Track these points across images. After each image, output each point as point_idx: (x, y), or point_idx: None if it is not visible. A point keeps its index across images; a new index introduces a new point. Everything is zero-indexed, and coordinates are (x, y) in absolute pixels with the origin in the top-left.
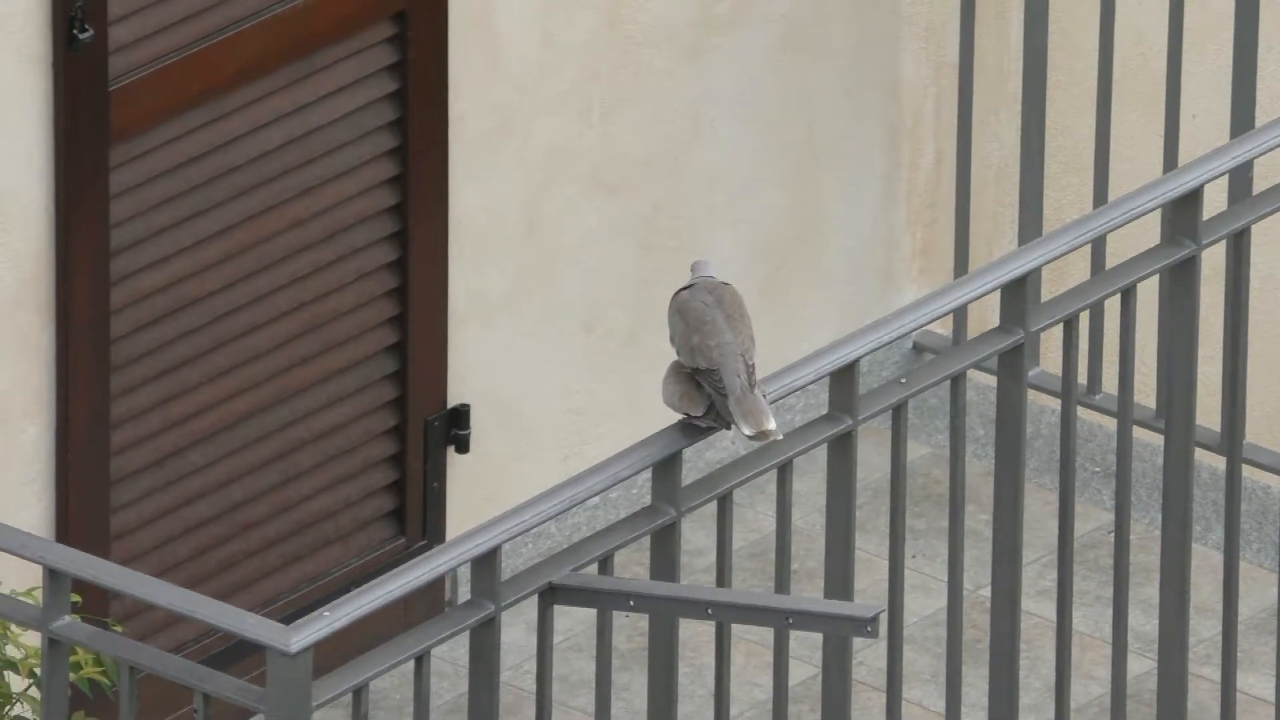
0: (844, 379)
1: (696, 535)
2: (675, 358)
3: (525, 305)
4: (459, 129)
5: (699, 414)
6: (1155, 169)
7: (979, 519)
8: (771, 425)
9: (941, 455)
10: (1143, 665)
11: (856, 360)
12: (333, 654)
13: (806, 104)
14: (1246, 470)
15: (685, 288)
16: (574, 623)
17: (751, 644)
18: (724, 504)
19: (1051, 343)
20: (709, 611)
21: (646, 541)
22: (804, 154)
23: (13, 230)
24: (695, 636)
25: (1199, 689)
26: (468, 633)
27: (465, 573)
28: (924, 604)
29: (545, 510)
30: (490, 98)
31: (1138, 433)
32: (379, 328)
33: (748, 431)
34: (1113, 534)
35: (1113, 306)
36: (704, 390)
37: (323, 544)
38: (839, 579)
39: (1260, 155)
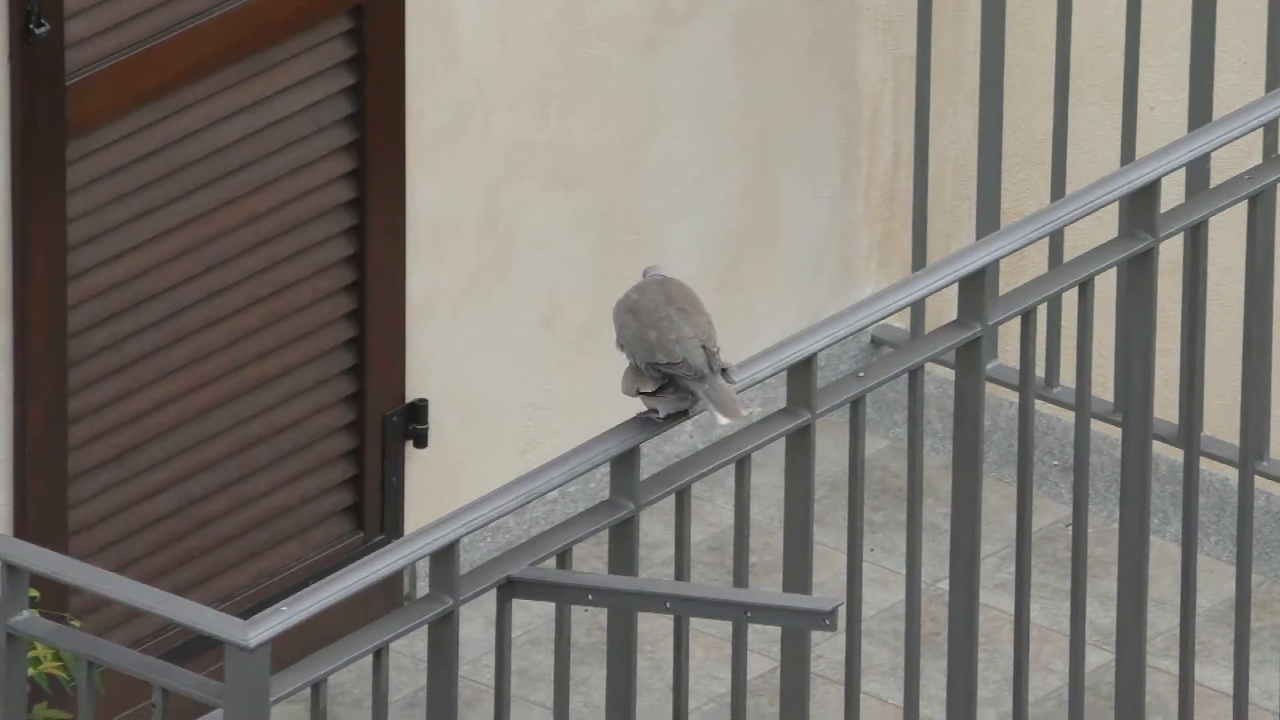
0: (802, 373)
1: (655, 529)
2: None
3: (483, 300)
4: (416, 124)
5: (651, 390)
6: (1113, 162)
7: (937, 512)
8: (744, 414)
9: (899, 448)
10: (1101, 658)
11: (814, 354)
12: (292, 648)
13: (764, 97)
14: (1204, 463)
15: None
16: (532, 616)
17: (710, 637)
18: (682, 498)
19: (1009, 336)
20: (667, 605)
21: (605, 535)
22: (761, 148)
23: None
24: (654, 630)
25: (1157, 681)
26: (426, 627)
27: (424, 567)
28: (882, 597)
29: (503, 504)
30: (448, 92)
31: (1096, 425)
32: (337, 322)
33: (724, 423)
34: (1070, 527)
35: (1070, 299)
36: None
37: (281, 539)
38: (797, 572)
39: (1218, 148)
